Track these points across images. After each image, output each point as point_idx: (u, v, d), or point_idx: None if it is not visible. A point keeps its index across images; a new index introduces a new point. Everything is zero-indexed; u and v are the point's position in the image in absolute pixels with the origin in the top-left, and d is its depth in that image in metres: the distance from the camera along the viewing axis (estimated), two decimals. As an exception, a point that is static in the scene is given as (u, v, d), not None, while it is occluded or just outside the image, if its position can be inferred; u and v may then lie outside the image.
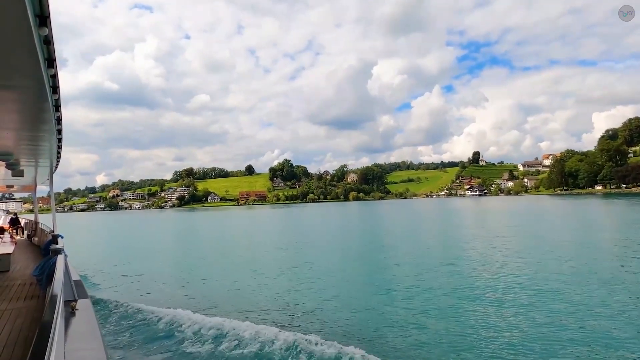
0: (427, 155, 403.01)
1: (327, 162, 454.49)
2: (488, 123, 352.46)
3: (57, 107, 4.94)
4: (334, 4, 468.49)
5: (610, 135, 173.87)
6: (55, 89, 4.16)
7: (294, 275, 19.84)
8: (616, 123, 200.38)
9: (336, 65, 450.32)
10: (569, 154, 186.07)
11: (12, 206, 31.26)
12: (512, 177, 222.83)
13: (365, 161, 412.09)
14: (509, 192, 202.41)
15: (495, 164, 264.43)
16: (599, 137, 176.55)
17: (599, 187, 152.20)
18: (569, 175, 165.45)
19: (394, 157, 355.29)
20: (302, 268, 21.72)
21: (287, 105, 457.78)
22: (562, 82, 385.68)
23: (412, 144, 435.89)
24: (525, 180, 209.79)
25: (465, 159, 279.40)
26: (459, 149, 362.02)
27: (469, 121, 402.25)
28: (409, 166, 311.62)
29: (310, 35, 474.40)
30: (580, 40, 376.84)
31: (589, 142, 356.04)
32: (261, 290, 16.93)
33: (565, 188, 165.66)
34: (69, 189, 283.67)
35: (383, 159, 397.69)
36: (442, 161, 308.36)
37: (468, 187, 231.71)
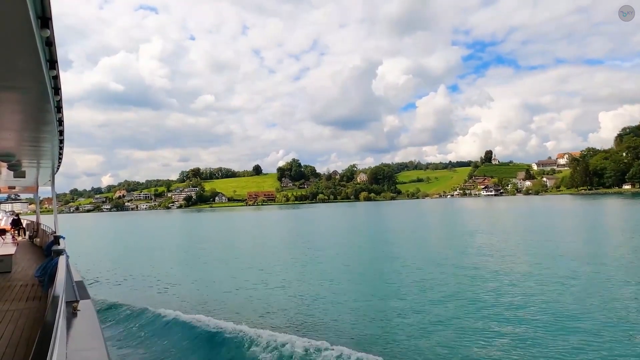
0: (432, 155, 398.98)
1: (332, 162, 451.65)
2: (493, 123, 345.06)
3: (59, 109, 4.86)
4: (338, 4, 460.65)
5: (629, 133, 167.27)
6: (57, 90, 4.13)
7: (304, 279, 19.03)
8: (623, 122, 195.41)
9: (341, 65, 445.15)
10: (591, 152, 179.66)
11: (17, 207, 31.57)
12: (528, 177, 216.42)
13: (370, 161, 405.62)
14: (527, 192, 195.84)
15: (508, 163, 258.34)
16: (615, 135, 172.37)
17: (627, 186, 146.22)
18: (594, 174, 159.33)
19: (398, 157, 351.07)
20: (313, 272, 20.70)
21: (292, 106, 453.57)
22: (568, 81, 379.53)
23: (417, 144, 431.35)
24: (545, 179, 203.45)
25: (471, 159, 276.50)
26: (464, 149, 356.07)
27: (475, 121, 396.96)
28: (416, 166, 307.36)
29: (315, 35, 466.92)
30: (587, 39, 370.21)
31: (595, 141, 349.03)
32: (267, 294, 16.48)
33: (589, 187, 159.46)
34: (75, 190, 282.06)
35: (388, 159, 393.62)
36: (450, 161, 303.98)
37: (483, 186, 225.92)
